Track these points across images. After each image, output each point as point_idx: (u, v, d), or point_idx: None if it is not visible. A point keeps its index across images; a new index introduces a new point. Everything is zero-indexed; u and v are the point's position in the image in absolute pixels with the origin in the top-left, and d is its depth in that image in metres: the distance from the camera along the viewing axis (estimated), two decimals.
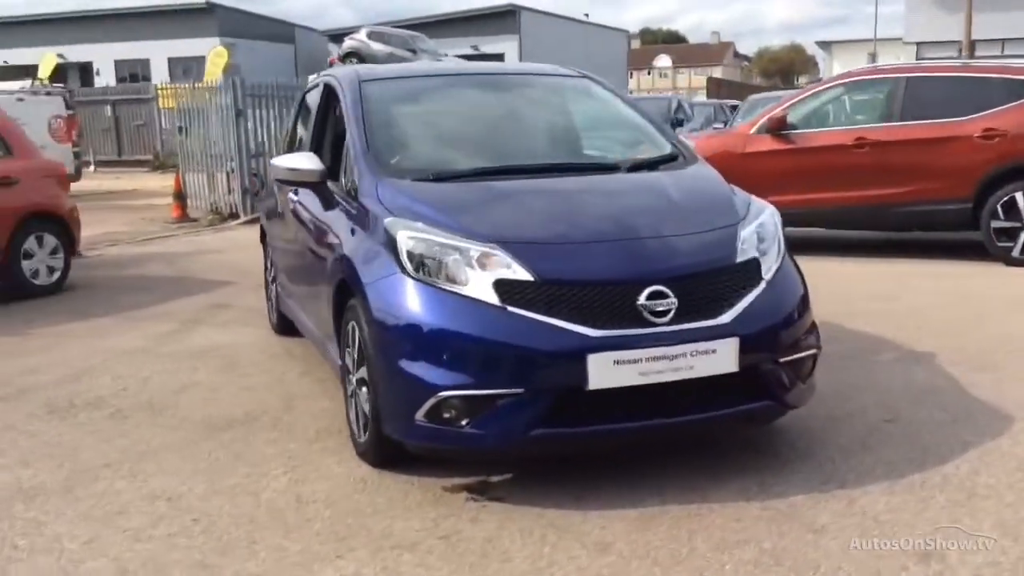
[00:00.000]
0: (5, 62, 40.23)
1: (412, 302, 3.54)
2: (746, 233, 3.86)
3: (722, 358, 3.53)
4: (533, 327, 3.41)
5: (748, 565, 3.05)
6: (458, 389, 3.41)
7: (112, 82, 37.94)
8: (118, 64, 42.11)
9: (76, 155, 18.36)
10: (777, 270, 3.86)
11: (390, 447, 3.74)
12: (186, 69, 36.72)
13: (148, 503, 3.67)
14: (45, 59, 34.71)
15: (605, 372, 3.39)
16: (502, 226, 3.72)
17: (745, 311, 3.62)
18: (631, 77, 71.01)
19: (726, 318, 3.56)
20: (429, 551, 3.21)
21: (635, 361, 3.41)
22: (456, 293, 3.49)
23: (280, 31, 44.03)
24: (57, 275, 8.31)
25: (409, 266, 3.59)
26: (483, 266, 3.52)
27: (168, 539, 3.35)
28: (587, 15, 47.10)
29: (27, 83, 20.02)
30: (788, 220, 4.40)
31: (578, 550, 3.19)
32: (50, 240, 8.22)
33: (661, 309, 3.47)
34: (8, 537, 3.41)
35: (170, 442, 4.34)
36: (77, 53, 41.82)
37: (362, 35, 26.25)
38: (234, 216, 14.14)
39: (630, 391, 3.46)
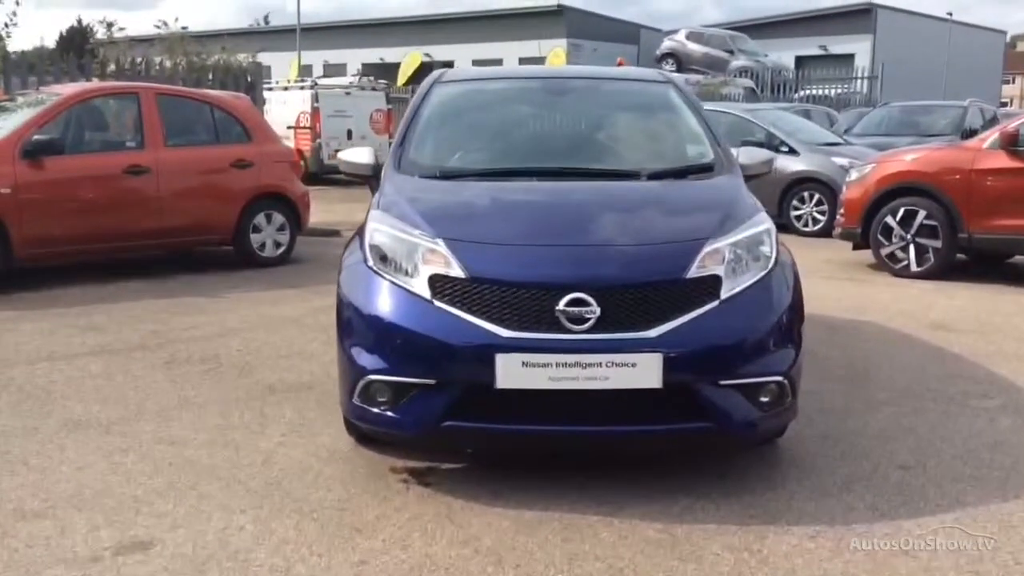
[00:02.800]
0: (326, 62, 44.19)
1: (362, 289, 3.80)
2: (711, 249, 3.71)
3: (642, 373, 3.46)
4: (450, 322, 3.55)
5: None
6: (381, 374, 3.63)
7: None
8: (476, 63, 45.08)
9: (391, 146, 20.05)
10: (746, 289, 3.69)
11: (352, 424, 4.02)
12: None
13: (152, 444, 4.22)
14: (410, 57, 37.92)
15: (513, 373, 3.45)
16: (457, 224, 3.87)
17: (680, 328, 3.51)
18: (1011, 82, 64.73)
19: (652, 333, 3.48)
20: (315, 518, 3.47)
21: (545, 365, 3.44)
22: (397, 285, 3.70)
23: (625, 32, 44.90)
24: (282, 249, 9.33)
25: (370, 256, 3.84)
26: (427, 261, 3.69)
27: (132, 466, 3.88)
28: (950, 14, 43.45)
29: (355, 78, 22.14)
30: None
31: (439, 538, 3.31)
32: (278, 218, 9.25)
33: (580, 317, 3.47)
34: (35, 455, 4.10)
35: (225, 398, 4.89)
36: (442, 53, 45.25)
37: (681, 36, 26.37)
38: None
39: (547, 395, 3.50)
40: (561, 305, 3.48)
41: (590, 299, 3.48)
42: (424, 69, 37.50)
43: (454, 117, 4.99)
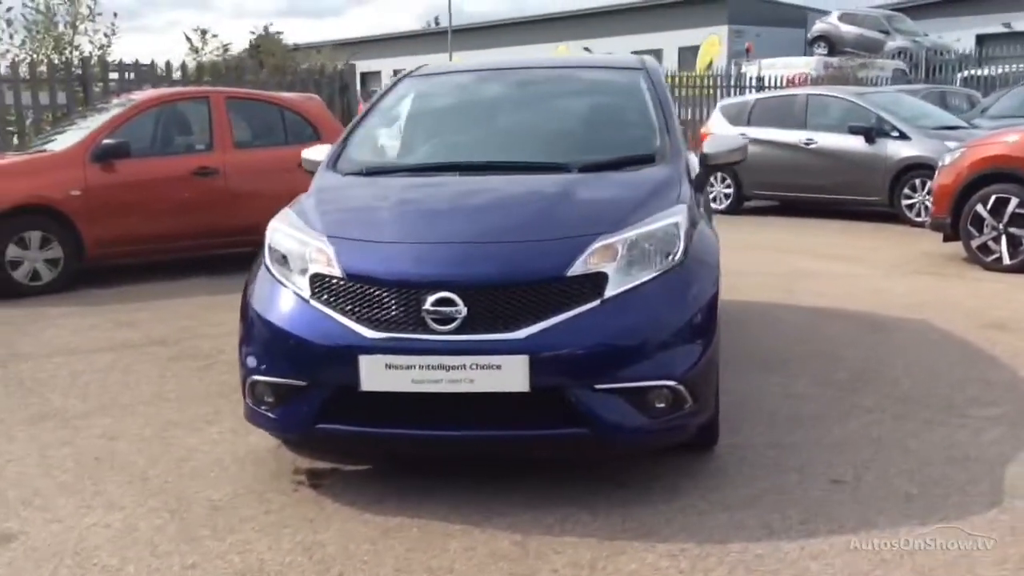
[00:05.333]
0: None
1: (254, 289, 3.79)
2: (603, 244, 3.49)
3: (508, 376, 3.30)
4: (320, 322, 3.49)
5: None
6: (263, 375, 3.61)
7: None
8: (635, 55, 44.60)
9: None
10: (639, 287, 3.45)
11: None
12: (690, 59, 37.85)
13: (95, 438, 4.34)
14: (556, 52, 37.90)
15: (377, 375, 3.36)
16: (348, 223, 3.82)
17: (551, 328, 3.32)
18: None
19: (520, 334, 3.31)
20: (183, 517, 3.48)
21: (408, 367, 3.33)
22: (283, 285, 3.67)
23: (792, 15, 43.27)
24: None
25: (267, 256, 3.83)
26: (314, 261, 3.64)
27: (59, 460, 4.02)
28: None
29: None
30: None
31: (284, 544, 3.25)
32: None
33: (445, 317, 3.34)
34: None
35: (197, 394, 5.00)
36: (601, 46, 44.99)
37: (833, 18, 25.17)
38: None
39: (418, 397, 3.39)
40: (428, 305, 3.35)
41: (457, 299, 3.34)
42: None
43: (406, 112, 4.90)
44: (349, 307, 3.47)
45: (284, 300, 3.63)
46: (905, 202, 11.20)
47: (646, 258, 3.54)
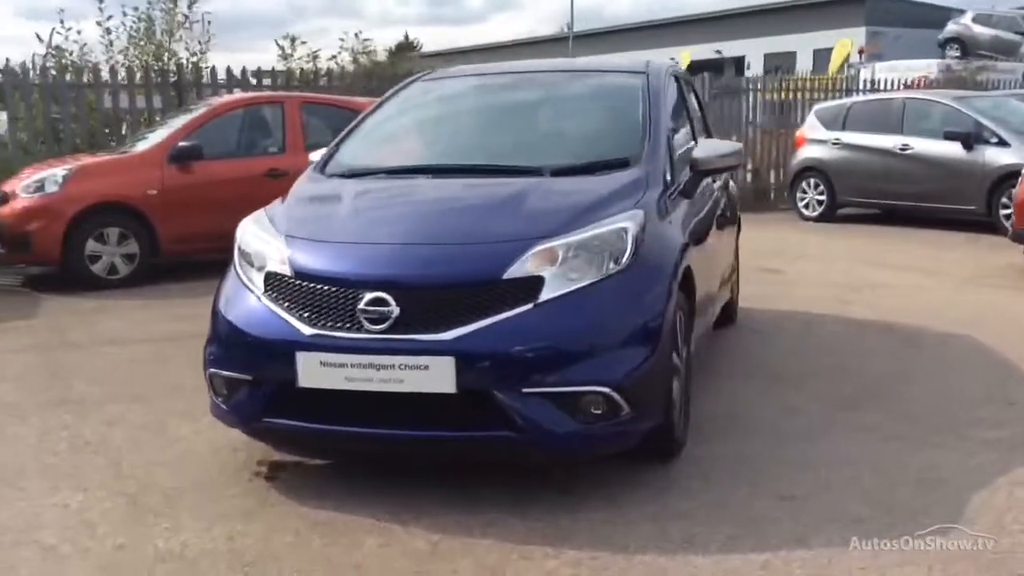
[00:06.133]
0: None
1: (222, 286, 3.93)
2: (543, 248, 3.48)
3: (435, 376, 3.33)
4: (267, 318, 3.60)
5: None
6: (218, 368, 3.74)
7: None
8: (767, 57, 43.63)
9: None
10: (576, 291, 3.43)
11: None
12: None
13: (94, 425, 4.57)
14: (682, 56, 37.47)
15: (313, 372, 3.44)
16: (308, 223, 3.93)
17: (480, 331, 3.34)
18: None
19: (448, 335, 3.34)
20: (136, 500, 3.65)
21: (341, 365, 3.41)
22: (243, 282, 3.80)
23: (932, 16, 41.46)
24: None
25: (236, 254, 3.97)
26: (271, 259, 3.76)
27: (48, 445, 4.26)
28: None
29: None
30: None
31: (205, 534, 3.34)
32: None
33: (379, 316, 3.39)
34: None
35: (191, 384, 5.15)
36: (733, 48, 44.22)
37: (966, 19, 24.04)
38: None
39: (353, 395, 3.45)
40: (362, 304, 3.41)
41: (389, 299, 3.39)
42: (692, 67, 36.96)
43: (399, 115, 4.98)
44: (293, 304, 3.56)
45: (241, 297, 3.75)
46: (1003, 211, 10.61)
47: (590, 262, 3.51)
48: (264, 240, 3.85)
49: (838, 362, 5.46)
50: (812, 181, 12.78)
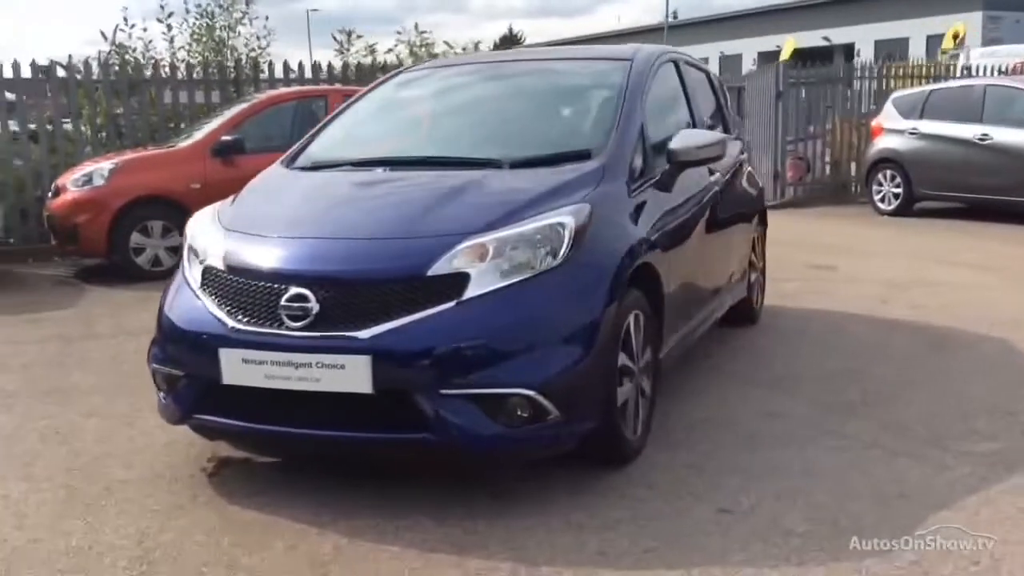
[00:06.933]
0: (722, 53, 43.01)
1: (171, 280, 3.92)
2: (471, 244, 3.35)
3: (351, 376, 3.24)
4: (197, 313, 3.57)
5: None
6: (156, 363, 3.74)
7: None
8: (878, 44, 42.14)
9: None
10: (503, 289, 3.29)
11: None
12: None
13: (72, 415, 4.64)
14: (786, 44, 36.50)
15: (235, 369, 3.40)
16: (250, 217, 3.88)
17: (397, 329, 3.23)
18: None
19: (365, 334, 3.24)
20: (75, 492, 3.67)
21: (261, 363, 3.35)
22: (184, 276, 3.78)
23: None
24: None
25: (185, 248, 3.95)
26: (211, 254, 3.73)
27: (21, 433, 4.34)
28: None
29: None
30: None
31: (135, 526, 3.35)
32: None
33: (299, 313, 3.32)
34: None
35: None
36: (841, 35, 42.87)
37: None
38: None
39: (276, 393, 3.39)
40: (283, 300, 3.35)
41: (309, 295, 3.32)
42: (796, 55, 35.92)
43: (377, 108, 4.90)
44: (223, 300, 3.53)
45: (181, 292, 3.74)
46: None
47: (524, 258, 3.37)
48: (208, 234, 3.83)
49: (847, 366, 5.16)
50: (888, 173, 12.23)
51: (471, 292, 3.28)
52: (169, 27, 11.75)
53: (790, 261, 8.65)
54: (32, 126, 10.36)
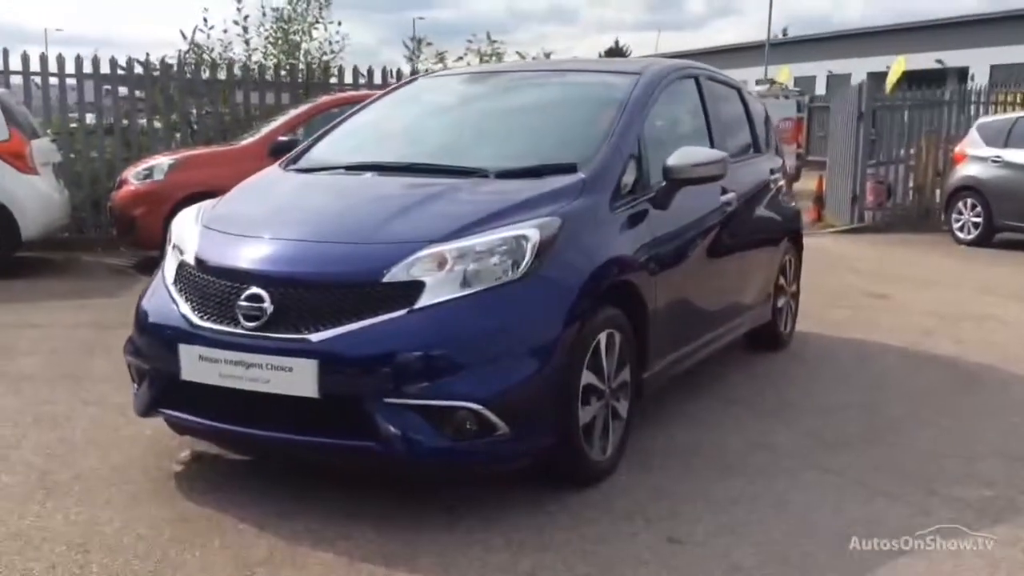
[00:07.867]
0: (830, 72, 41.99)
1: (154, 274, 3.99)
2: (430, 252, 3.32)
3: (298, 379, 3.24)
4: (165, 308, 3.62)
5: None
6: (127, 355, 3.81)
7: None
8: (993, 68, 40.69)
9: (798, 156, 19.13)
10: (457, 299, 3.25)
11: None
12: None
13: (35, 404, 4.71)
14: (896, 64, 35.51)
15: (192, 366, 3.43)
16: (229, 216, 3.93)
17: (347, 335, 3.22)
18: None
19: (315, 337, 3.24)
20: (43, 480, 3.73)
21: (216, 361, 3.37)
22: (162, 272, 3.84)
23: None
24: None
25: (168, 245, 4.02)
26: (187, 251, 3.77)
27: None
28: None
29: (766, 87, 21.30)
30: None
31: (86, 515, 3.40)
32: None
33: (254, 313, 3.34)
34: None
35: None
36: (955, 58, 41.54)
37: None
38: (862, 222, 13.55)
39: (231, 392, 3.40)
40: (241, 299, 3.37)
41: (265, 295, 3.33)
42: (905, 77, 34.84)
43: (385, 113, 4.90)
44: (190, 296, 3.56)
45: (157, 286, 3.79)
46: None
47: (484, 270, 3.32)
48: (188, 230, 3.87)
49: (859, 399, 4.95)
50: (969, 202, 11.76)
51: (424, 301, 3.24)
52: (245, 29, 12.04)
53: (847, 288, 8.41)
54: (109, 121, 10.72)
